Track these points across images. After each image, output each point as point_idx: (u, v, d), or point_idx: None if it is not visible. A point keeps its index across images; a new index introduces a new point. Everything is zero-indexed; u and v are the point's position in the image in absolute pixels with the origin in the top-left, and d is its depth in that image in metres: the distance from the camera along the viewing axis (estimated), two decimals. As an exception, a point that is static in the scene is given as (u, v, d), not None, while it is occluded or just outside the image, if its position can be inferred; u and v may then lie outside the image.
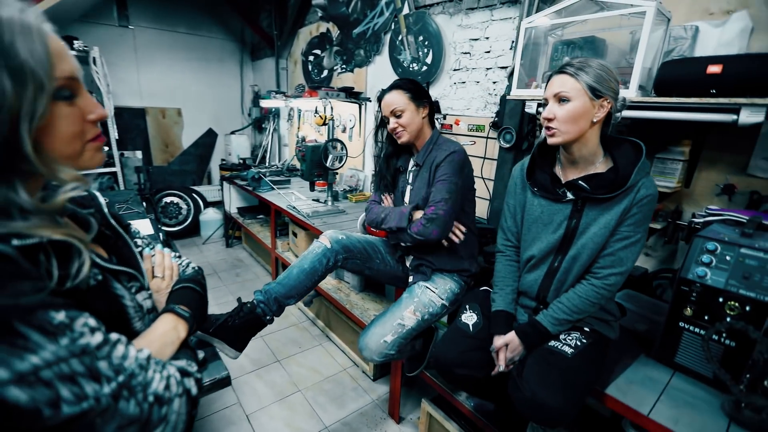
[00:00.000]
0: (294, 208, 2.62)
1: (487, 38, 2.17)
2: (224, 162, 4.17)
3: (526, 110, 1.57)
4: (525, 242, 1.25)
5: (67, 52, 0.50)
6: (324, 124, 2.71)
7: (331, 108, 2.89)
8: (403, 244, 1.49)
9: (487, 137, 2.18)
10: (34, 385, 0.39)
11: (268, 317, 1.30)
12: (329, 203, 2.77)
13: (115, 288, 0.59)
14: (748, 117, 1.06)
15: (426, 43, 2.46)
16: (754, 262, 1.05)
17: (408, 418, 1.97)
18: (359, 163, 3.24)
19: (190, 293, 0.75)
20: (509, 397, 1.10)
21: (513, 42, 2.04)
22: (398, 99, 1.40)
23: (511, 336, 1.15)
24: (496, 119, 2.11)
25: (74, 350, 0.43)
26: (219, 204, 4.23)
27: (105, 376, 0.44)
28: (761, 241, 1.08)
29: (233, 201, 3.80)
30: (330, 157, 2.65)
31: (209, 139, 4.67)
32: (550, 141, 1.11)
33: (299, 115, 3.88)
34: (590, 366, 1.06)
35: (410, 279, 1.50)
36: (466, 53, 2.30)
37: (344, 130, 3.34)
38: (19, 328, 0.40)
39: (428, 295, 1.42)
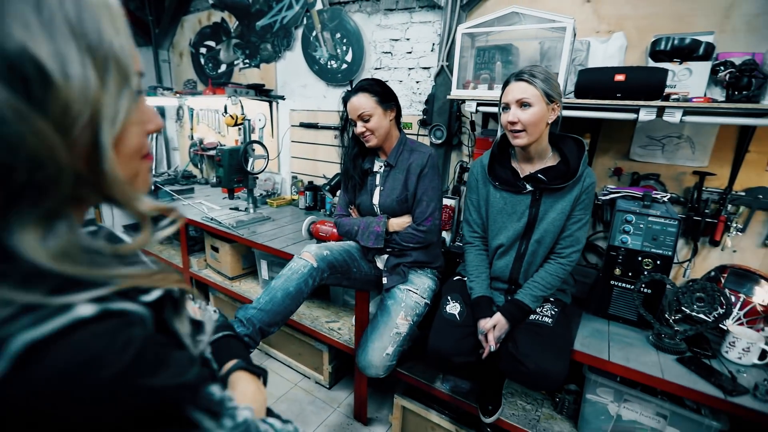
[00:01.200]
0: (213, 219, 2.33)
1: (408, 39, 2.27)
2: (93, 172, 3.41)
3: (467, 109, 1.70)
4: (492, 232, 1.38)
5: None
6: (236, 124, 2.46)
7: (242, 107, 2.64)
8: (389, 249, 1.49)
9: (418, 134, 2.29)
10: None
11: (251, 350, 1.16)
12: (251, 210, 2.54)
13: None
14: (645, 115, 1.36)
15: (345, 40, 2.43)
16: (658, 226, 1.37)
17: (375, 417, 1.98)
18: (274, 166, 3.04)
19: (235, 343, 0.62)
20: (506, 373, 1.22)
21: (434, 44, 2.18)
22: (365, 102, 1.38)
23: (498, 317, 1.27)
24: (424, 117, 2.23)
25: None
26: (91, 223, 3.45)
27: None
28: (657, 210, 1.42)
29: (116, 218, 3.16)
30: (250, 160, 2.43)
31: (63, 144, 3.74)
32: (517, 142, 1.24)
33: (191, 115, 3.42)
34: (566, 329, 1.25)
35: (384, 281, 1.50)
36: (387, 53, 2.36)
37: (253, 131, 3.07)
38: (191, 414, 0.31)
39: (412, 297, 1.45)
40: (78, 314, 0.28)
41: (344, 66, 2.49)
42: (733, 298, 1.39)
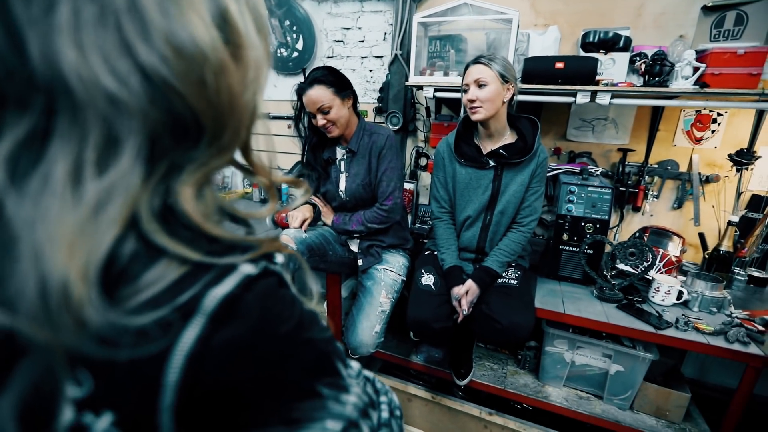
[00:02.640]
0: (162, 216, 2.17)
1: (360, 28, 2.30)
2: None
3: (424, 95, 1.79)
4: (460, 206, 1.49)
5: None
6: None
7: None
8: (356, 234, 1.52)
9: (374, 122, 2.34)
10: (350, 430, 0.32)
11: None
12: (202, 206, 2.41)
13: None
14: (582, 99, 1.56)
15: (294, 28, 2.39)
16: (595, 195, 1.58)
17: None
18: (221, 159, 2.90)
19: None
20: (480, 332, 1.33)
21: (386, 33, 2.24)
22: (323, 95, 1.38)
23: (470, 283, 1.38)
24: (380, 105, 2.29)
25: (359, 380, 0.36)
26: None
27: (377, 402, 0.38)
28: (593, 182, 1.63)
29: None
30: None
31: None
32: (475, 117, 1.36)
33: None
34: (530, 289, 1.40)
35: (360, 263, 1.54)
36: (339, 41, 2.37)
37: (195, 122, 2.90)
38: (336, 364, 0.33)
39: (390, 276, 1.51)
40: (246, 271, 0.29)
41: (295, 54, 2.45)
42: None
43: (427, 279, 1.46)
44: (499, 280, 1.42)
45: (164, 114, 0.26)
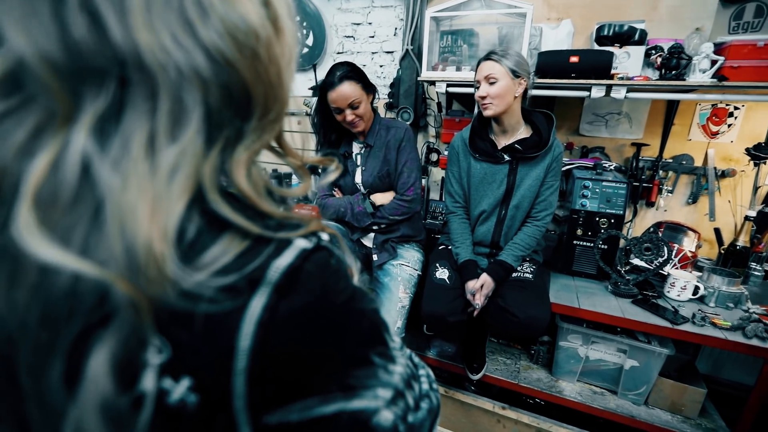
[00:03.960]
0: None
1: (370, 24, 2.29)
2: None
3: (437, 90, 1.79)
4: (474, 200, 1.49)
5: None
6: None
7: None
8: (375, 227, 1.53)
9: (385, 117, 2.34)
10: (397, 399, 0.33)
11: None
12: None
13: None
14: (596, 93, 1.55)
15: (305, 24, 2.40)
16: (610, 190, 1.57)
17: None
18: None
19: None
20: (495, 326, 1.34)
21: (396, 29, 2.24)
22: (354, 91, 1.39)
23: (485, 277, 1.39)
24: (390, 100, 2.28)
25: (402, 351, 0.37)
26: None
27: (418, 376, 0.39)
28: (607, 177, 1.62)
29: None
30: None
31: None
32: (486, 113, 1.36)
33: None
34: (544, 283, 1.40)
35: (374, 258, 1.55)
36: (349, 37, 2.37)
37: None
38: (384, 334, 0.34)
39: (406, 270, 1.52)
40: (302, 245, 0.30)
41: (305, 50, 2.45)
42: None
43: (442, 273, 1.47)
44: (514, 274, 1.42)
45: (222, 87, 0.27)
